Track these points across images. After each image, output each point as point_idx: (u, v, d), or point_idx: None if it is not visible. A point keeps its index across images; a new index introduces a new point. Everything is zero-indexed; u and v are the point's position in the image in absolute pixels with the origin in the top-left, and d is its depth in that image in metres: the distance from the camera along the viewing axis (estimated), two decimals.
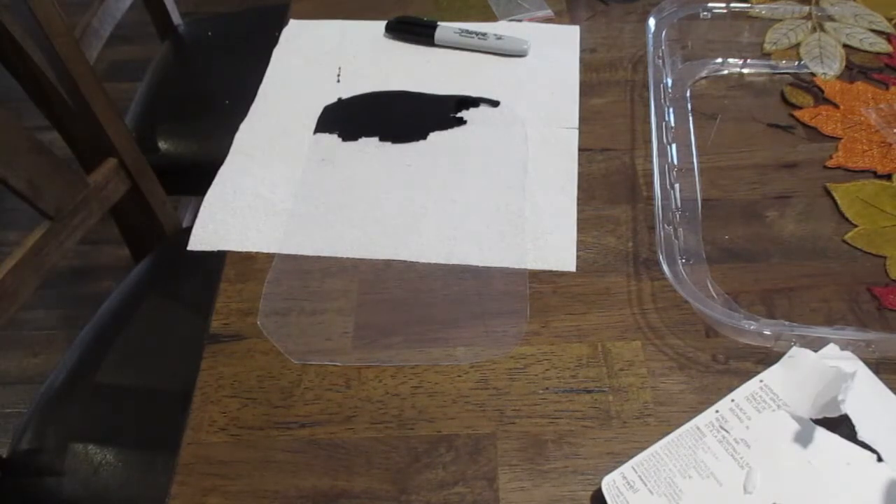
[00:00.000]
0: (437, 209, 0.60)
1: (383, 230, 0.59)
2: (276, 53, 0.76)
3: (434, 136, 0.65)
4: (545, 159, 0.63)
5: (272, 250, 0.58)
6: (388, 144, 0.65)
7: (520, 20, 0.77)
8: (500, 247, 0.57)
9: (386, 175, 0.63)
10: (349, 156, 0.64)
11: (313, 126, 0.68)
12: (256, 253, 0.57)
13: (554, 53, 0.73)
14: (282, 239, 0.58)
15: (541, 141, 0.64)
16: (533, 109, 0.67)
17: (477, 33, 0.73)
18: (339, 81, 0.72)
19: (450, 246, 0.57)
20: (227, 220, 0.60)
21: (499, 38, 0.72)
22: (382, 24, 0.76)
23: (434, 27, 0.74)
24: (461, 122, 0.66)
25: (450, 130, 0.66)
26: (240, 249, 0.58)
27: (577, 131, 0.65)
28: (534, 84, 0.70)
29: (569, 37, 0.75)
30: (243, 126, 0.69)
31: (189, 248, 0.59)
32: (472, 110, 0.68)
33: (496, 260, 0.56)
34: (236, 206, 0.61)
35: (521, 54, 0.72)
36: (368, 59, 0.74)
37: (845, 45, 0.70)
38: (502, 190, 0.61)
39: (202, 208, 0.61)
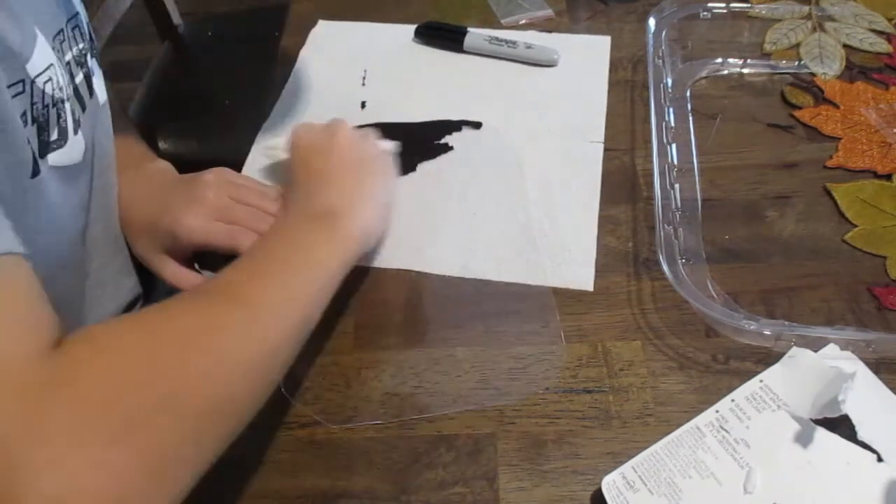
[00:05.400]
0: (455, 220, 0.59)
1: (398, 239, 0.58)
2: (303, 54, 0.75)
3: (457, 145, 0.64)
4: (568, 174, 0.61)
5: None
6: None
7: (520, 20, 0.77)
8: (517, 262, 0.56)
9: (407, 182, 0.62)
10: None
11: None
12: None
13: (584, 64, 0.71)
14: None
15: (565, 154, 0.63)
16: (559, 121, 0.66)
17: (507, 41, 0.72)
18: (364, 84, 0.71)
19: (465, 259, 0.56)
20: None
21: (528, 46, 0.71)
22: (412, 28, 0.75)
23: (464, 33, 0.73)
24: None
25: (463, 145, 0.64)
26: None
27: (602, 145, 0.63)
28: (561, 95, 0.68)
29: (600, 48, 0.73)
30: (266, 125, 0.68)
31: None
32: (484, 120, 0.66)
33: (513, 276, 0.55)
34: None
35: (550, 64, 0.71)
36: (395, 63, 0.73)
37: (845, 45, 0.70)
38: (523, 204, 0.59)
39: None
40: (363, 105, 0.69)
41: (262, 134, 0.68)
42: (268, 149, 0.62)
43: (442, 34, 0.74)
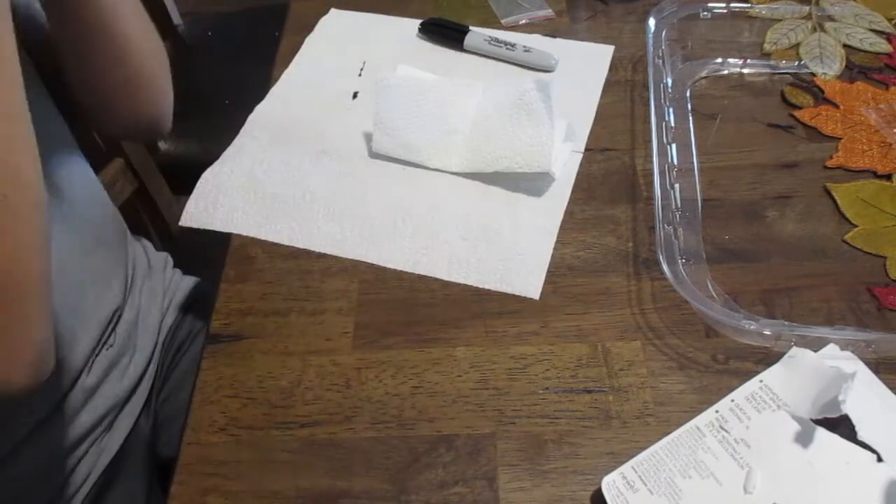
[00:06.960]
0: (418, 213, 0.59)
1: (359, 229, 0.58)
2: (309, 40, 0.76)
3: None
4: (541, 180, 0.60)
5: (251, 234, 0.58)
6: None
7: (520, 20, 0.77)
8: (469, 262, 0.55)
9: (381, 173, 0.62)
10: (351, 151, 0.64)
11: (323, 115, 0.67)
12: (253, 251, 0.57)
13: (581, 73, 0.70)
14: (261, 224, 0.58)
15: None
16: None
17: (506, 43, 0.71)
18: (360, 75, 0.71)
19: (419, 255, 0.56)
20: (217, 198, 0.60)
21: (527, 50, 0.71)
22: (417, 22, 0.76)
23: (465, 32, 0.73)
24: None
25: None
26: (223, 230, 0.58)
27: (580, 155, 0.63)
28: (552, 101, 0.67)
29: (600, 57, 0.72)
30: (258, 108, 0.69)
31: (180, 223, 0.59)
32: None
33: (462, 276, 0.55)
34: (229, 186, 0.61)
35: (547, 69, 0.70)
36: (395, 56, 0.73)
37: (845, 45, 0.70)
38: (487, 203, 0.59)
39: (198, 185, 0.61)
40: (355, 95, 0.69)
41: (252, 115, 0.68)
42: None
43: (443, 31, 0.74)
